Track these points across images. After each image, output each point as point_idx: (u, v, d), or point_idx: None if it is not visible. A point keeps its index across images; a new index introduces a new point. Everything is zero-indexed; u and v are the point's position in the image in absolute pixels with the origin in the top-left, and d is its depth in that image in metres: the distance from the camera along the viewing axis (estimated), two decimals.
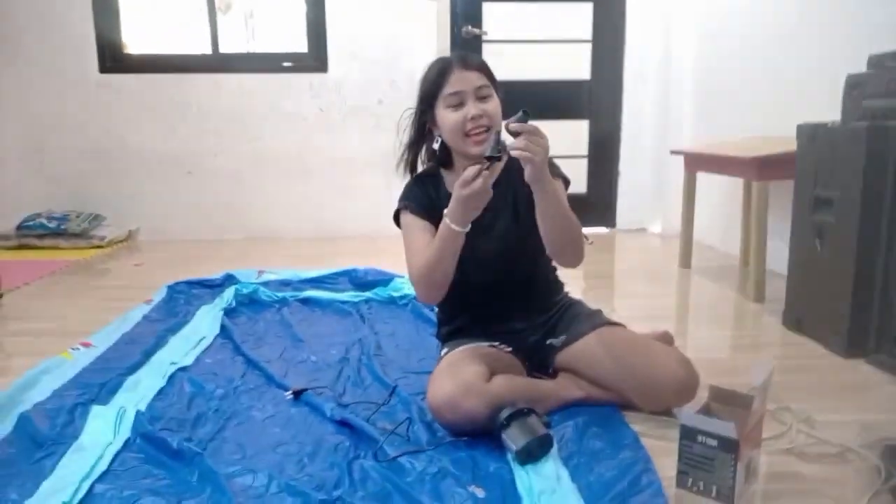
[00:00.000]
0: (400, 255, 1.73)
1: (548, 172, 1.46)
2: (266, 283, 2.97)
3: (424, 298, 1.69)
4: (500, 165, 1.56)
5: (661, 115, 4.35)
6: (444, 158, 1.72)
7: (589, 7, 4.36)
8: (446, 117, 1.60)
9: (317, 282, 3.02)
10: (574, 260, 1.63)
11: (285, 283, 3.00)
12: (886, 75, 2.12)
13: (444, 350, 1.74)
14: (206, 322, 2.43)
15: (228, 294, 2.72)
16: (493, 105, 1.59)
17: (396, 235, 1.76)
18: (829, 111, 2.30)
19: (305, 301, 2.74)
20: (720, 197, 3.70)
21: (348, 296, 2.80)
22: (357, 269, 3.07)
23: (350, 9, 4.29)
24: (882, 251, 2.03)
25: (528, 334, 1.78)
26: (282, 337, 2.34)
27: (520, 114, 1.42)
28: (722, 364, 2.13)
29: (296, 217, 4.49)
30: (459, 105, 1.59)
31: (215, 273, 3.02)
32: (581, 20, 4.37)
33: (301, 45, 4.40)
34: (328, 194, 4.49)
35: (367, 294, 2.80)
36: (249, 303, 2.74)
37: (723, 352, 2.29)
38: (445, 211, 1.51)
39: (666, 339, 2.11)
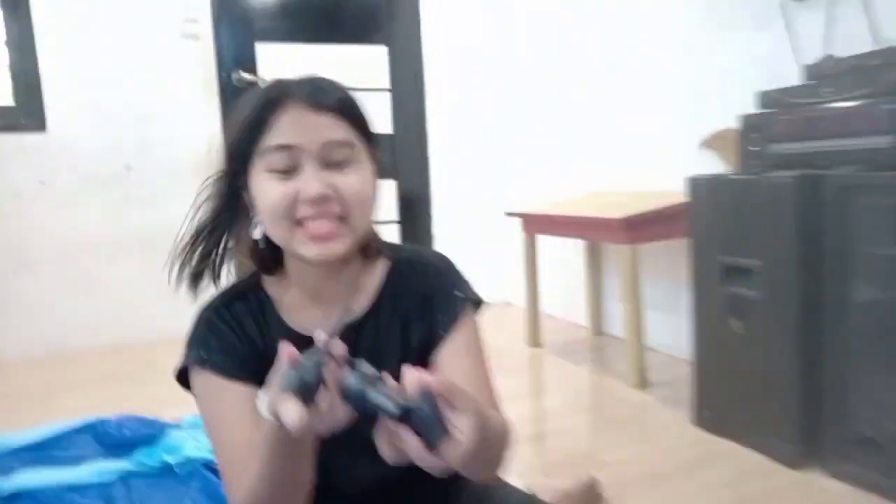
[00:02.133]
0: (173, 384, 0.90)
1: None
2: None
3: None
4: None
5: (478, 172, 3.88)
6: (268, 258, 0.91)
7: (383, 51, 3.78)
8: (265, 190, 0.83)
9: (41, 450, 1.93)
10: (495, 471, 0.89)
11: None
12: (791, 114, 1.75)
13: None
14: None
15: None
16: (358, 178, 0.84)
17: (162, 343, 0.97)
18: (666, 162, 1.91)
19: (15, 500, 1.67)
20: (556, 261, 3.26)
21: (93, 472, 1.77)
22: (107, 421, 2.03)
23: (75, 47, 3.23)
24: (827, 327, 1.61)
25: None
26: None
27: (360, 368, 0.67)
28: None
29: (12, 332, 3.21)
30: (289, 171, 0.82)
31: None
32: (377, 66, 3.77)
33: (4, 97, 3.22)
34: (60, 294, 3.29)
35: (124, 464, 1.81)
36: None
37: (646, 477, 1.72)
38: (259, 399, 0.72)
39: (589, 493, 1.50)
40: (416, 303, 0.93)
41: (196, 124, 3.36)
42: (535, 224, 2.82)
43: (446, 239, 3.88)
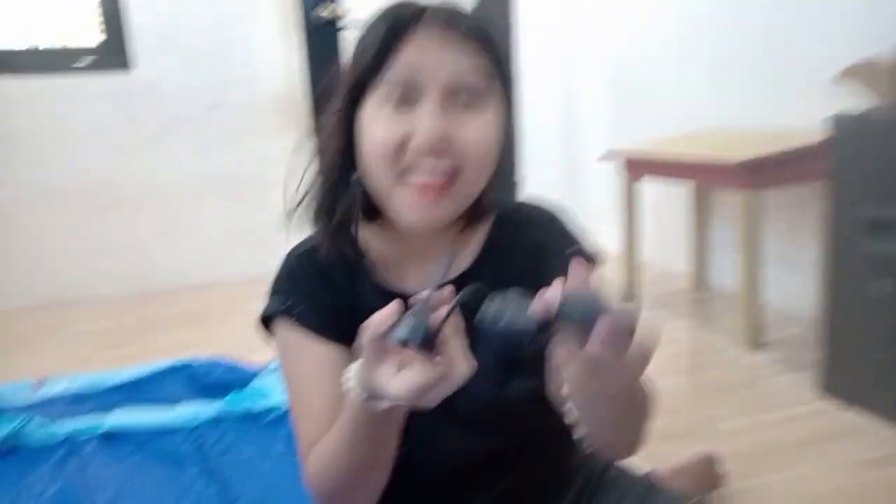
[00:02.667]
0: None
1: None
2: (47, 403, 1.86)
3: None
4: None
5: (571, 114, 3.64)
6: (368, 206, 0.78)
7: None
8: (371, 124, 0.70)
9: (133, 389, 1.94)
10: (634, 446, 0.79)
11: (81, 399, 1.90)
12: None
13: None
14: None
15: None
16: (482, 126, 0.70)
17: (253, 281, 0.95)
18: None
19: (110, 438, 1.68)
20: (654, 207, 3.03)
21: (184, 415, 1.76)
22: (195, 363, 2.02)
23: None
24: None
25: None
26: None
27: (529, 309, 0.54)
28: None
29: (103, 271, 3.29)
30: (405, 103, 0.69)
31: None
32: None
33: (91, 37, 3.21)
34: (148, 236, 3.33)
35: (214, 408, 1.78)
36: (9, 453, 1.63)
37: (767, 452, 1.54)
38: (350, 374, 0.63)
39: (706, 468, 1.35)
40: (523, 263, 0.80)
41: (278, 63, 3.27)
42: (637, 167, 2.59)
43: (533, 182, 3.70)
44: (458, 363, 0.56)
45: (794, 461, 1.49)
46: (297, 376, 0.78)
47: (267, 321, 0.81)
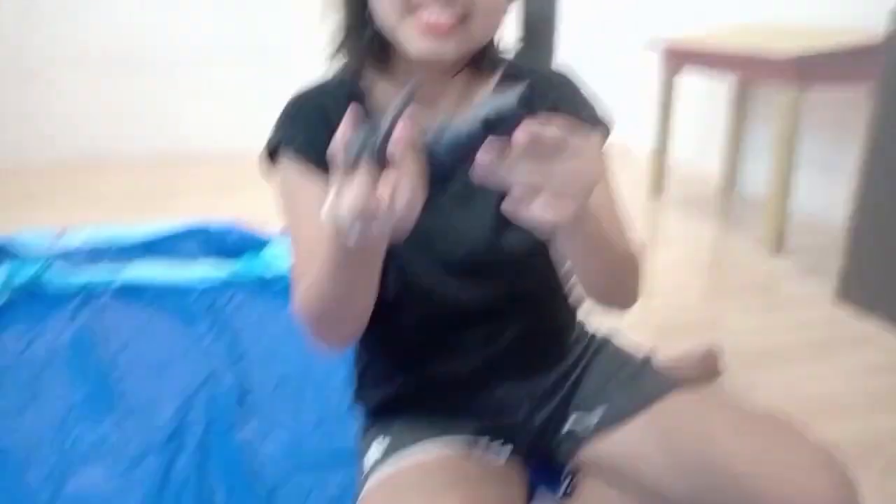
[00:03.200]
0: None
1: (585, 212, 0.60)
2: (67, 254, 1.91)
3: (320, 342, 0.78)
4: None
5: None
6: (379, 49, 0.77)
7: None
8: None
9: (149, 247, 1.97)
10: (627, 300, 0.81)
11: (98, 253, 1.93)
12: None
13: (377, 446, 0.85)
14: None
15: None
16: None
17: None
18: None
19: (125, 290, 1.72)
20: (692, 104, 2.89)
21: (197, 275, 1.79)
22: (212, 226, 2.04)
23: None
24: None
25: (530, 410, 0.91)
26: (71, 378, 1.34)
27: (517, 92, 0.50)
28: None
29: (127, 132, 3.28)
30: None
31: None
32: None
33: None
34: (175, 100, 3.30)
35: (228, 271, 1.81)
36: (31, 297, 1.69)
37: (773, 353, 1.54)
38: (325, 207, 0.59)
39: (706, 360, 1.35)
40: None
41: None
42: (679, 58, 2.45)
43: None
44: (407, 183, 0.52)
45: (800, 362, 1.48)
46: (295, 211, 0.79)
47: (272, 157, 0.80)
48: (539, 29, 3.58)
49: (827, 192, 2.25)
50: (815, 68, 1.86)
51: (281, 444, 1.14)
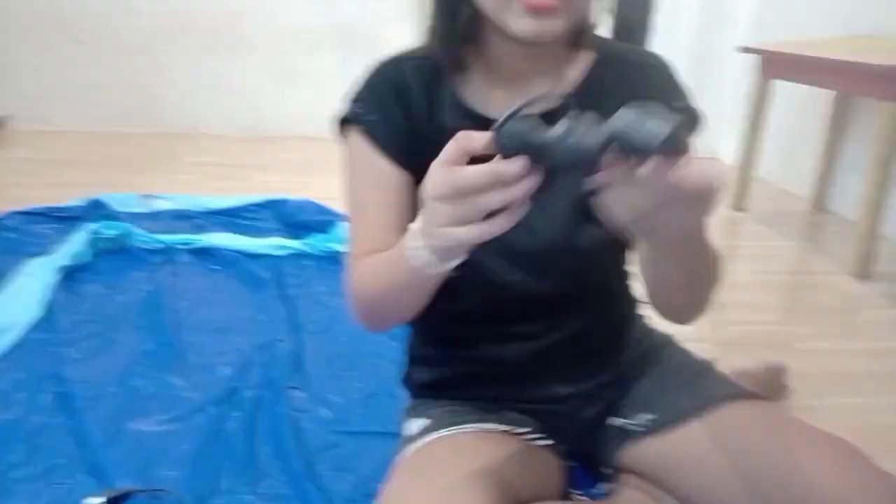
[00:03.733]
0: None
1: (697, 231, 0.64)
2: (152, 216, 2.02)
3: (365, 325, 0.80)
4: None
5: (708, 3, 3.31)
6: (467, 30, 0.75)
7: None
8: None
9: (228, 215, 2.07)
10: (693, 315, 0.77)
11: (181, 217, 2.05)
12: None
13: (417, 424, 0.86)
14: (22, 295, 1.49)
15: (79, 239, 1.76)
16: None
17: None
18: None
19: (201, 253, 1.80)
20: (785, 116, 2.76)
21: (269, 246, 1.86)
22: (288, 201, 2.11)
23: None
24: None
25: (579, 405, 0.90)
26: (142, 331, 1.42)
27: (671, 121, 0.48)
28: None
29: (220, 107, 3.44)
30: None
31: (77, 197, 2.04)
32: None
33: None
34: (265, 78, 3.42)
35: (297, 245, 1.87)
36: (116, 252, 1.79)
37: (844, 377, 1.45)
38: (411, 231, 0.62)
39: (771, 376, 1.29)
40: (622, 104, 0.75)
41: None
42: (776, 65, 2.34)
43: None
44: (522, 209, 0.54)
45: (869, 391, 1.40)
46: (360, 185, 0.79)
47: (343, 125, 0.81)
48: (632, 31, 3.50)
49: None
50: None
51: (328, 413, 1.17)
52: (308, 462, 1.04)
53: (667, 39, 3.43)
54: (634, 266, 0.78)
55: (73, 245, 1.73)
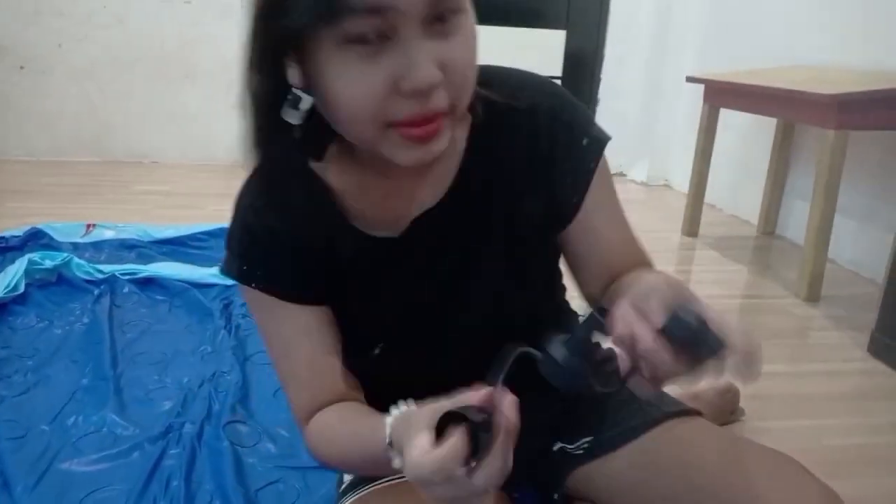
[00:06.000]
0: None
1: None
2: (95, 245, 1.95)
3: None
4: None
5: (658, 35, 3.40)
6: (315, 142, 0.65)
7: None
8: (341, 76, 0.55)
9: (176, 244, 2.01)
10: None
11: (126, 247, 1.98)
12: None
13: (347, 476, 0.82)
14: None
15: (13, 270, 1.68)
16: (465, 44, 0.56)
17: None
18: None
19: (146, 284, 1.74)
20: (732, 144, 2.83)
21: (217, 275, 1.80)
22: None
23: None
24: None
25: (526, 434, 0.87)
26: (79, 365, 1.36)
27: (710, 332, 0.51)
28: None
29: (172, 136, 3.38)
30: (378, 42, 0.53)
31: (18, 227, 1.96)
32: None
33: None
34: (218, 107, 3.37)
35: None
36: (54, 283, 1.72)
37: (797, 399, 1.46)
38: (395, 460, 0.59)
39: (722, 399, 1.29)
40: (522, 165, 0.69)
41: None
42: (721, 95, 2.41)
43: (609, 108, 3.52)
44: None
45: (821, 413, 1.41)
46: (276, 337, 0.72)
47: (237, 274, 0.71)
48: (582, 64, 3.58)
49: (868, 244, 2.16)
50: (858, 110, 1.81)
51: (272, 449, 1.12)
52: (249, 499, 0.99)
53: (617, 70, 3.52)
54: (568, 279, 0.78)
55: (6, 276, 1.65)
